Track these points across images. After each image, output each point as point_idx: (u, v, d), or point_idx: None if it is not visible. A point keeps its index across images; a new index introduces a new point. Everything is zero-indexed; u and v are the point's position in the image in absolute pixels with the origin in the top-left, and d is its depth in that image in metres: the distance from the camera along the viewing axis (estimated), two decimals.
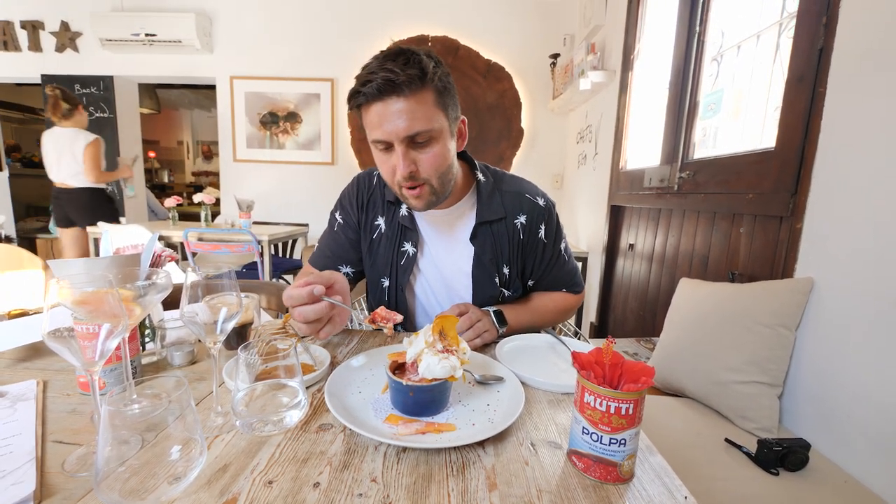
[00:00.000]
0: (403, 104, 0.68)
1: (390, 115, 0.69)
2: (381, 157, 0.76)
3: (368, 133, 0.75)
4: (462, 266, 0.89)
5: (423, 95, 0.69)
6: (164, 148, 6.85)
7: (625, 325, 2.07)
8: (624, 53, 2.14)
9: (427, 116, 0.70)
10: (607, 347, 0.45)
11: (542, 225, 0.90)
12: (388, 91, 0.67)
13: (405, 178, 0.73)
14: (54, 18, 3.30)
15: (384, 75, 0.67)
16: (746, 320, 0.99)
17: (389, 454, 0.45)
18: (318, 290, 0.64)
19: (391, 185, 0.79)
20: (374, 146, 0.75)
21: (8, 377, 0.59)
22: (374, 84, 0.67)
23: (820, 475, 0.82)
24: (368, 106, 0.71)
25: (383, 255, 0.90)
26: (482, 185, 0.88)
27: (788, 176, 1.05)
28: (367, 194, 0.92)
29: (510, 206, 0.89)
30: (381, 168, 0.78)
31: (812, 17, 1.00)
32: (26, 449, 0.43)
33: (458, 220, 0.89)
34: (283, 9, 3.25)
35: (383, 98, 0.68)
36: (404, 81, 0.67)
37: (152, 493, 0.36)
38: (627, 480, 0.42)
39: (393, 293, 0.90)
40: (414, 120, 0.69)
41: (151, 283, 0.53)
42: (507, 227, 0.88)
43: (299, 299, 0.64)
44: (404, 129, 0.69)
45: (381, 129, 0.70)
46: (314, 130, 3.37)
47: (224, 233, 2.53)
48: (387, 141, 0.71)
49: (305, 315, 0.64)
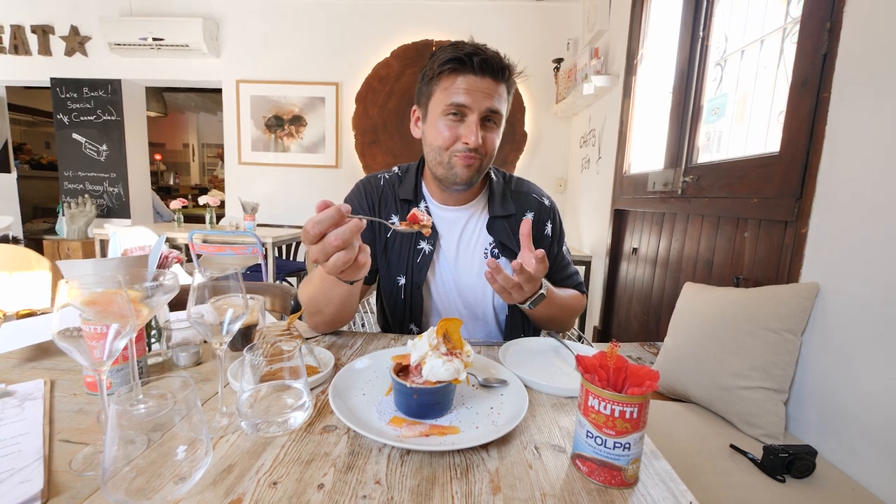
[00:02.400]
0: (494, 85, 0.78)
1: (483, 89, 0.77)
2: (446, 123, 0.80)
3: (444, 97, 0.79)
4: (475, 265, 0.90)
5: (504, 86, 0.80)
6: (170, 151, 6.92)
7: (628, 330, 2.07)
8: (627, 58, 2.14)
9: (504, 103, 0.81)
10: (612, 351, 0.45)
11: (549, 223, 0.95)
12: (488, 70, 0.77)
13: (472, 147, 0.79)
14: (64, 23, 3.35)
15: (493, 55, 0.77)
16: (751, 325, 0.98)
17: (393, 456, 0.45)
18: (346, 208, 0.54)
19: (442, 151, 0.82)
20: (445, 109, 0.79)
21: (16, 376, 0.60)
22: (480, 58, 0.76)
23: (827, 482, 0.81)
24: (461, 74, 0.77)
25: (399, 253, 0.90)
26: (495, 184, 0.94)
27: (793, 180, 1.04)
28: (377, 196, 0.92)
29: (519, 204, 0.94)
30: (438, 135, 0.81)
31: (816, 22, 1.01)
32: (34, 447, 0.43)
33: (472, 218, 0.92)
34: (288, 14, 3.28)
35: (482, 73, 0.77)
36: (504, 67, 0.78)
37: (158, 493, 0.36)
38: (632, 485, 0.42)
39: (408, 291, 0.90)
40: (499, 101, 0.79)
41: (158, 285, 0.53)
42: (516, 224, 0.91)
43: (329, 219, 0.53)
44: (489, 105, 0.78)
45: (466, 97, 0.77)
46: (318, 134, 3.39)
47: (228, 235, 2.55)
48: (468, 107, 0.78)
49: (343, 237, 0.53)
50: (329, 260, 0.55)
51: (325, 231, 0.54)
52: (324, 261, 0.55)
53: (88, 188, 3.58)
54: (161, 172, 6.64)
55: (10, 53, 3.39)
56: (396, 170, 0.97)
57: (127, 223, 3.55)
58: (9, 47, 3.38)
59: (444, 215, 0.91)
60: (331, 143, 3.39)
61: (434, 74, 0.80)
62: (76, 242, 3.32)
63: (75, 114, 3.47)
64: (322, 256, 0.55)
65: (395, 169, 0.97)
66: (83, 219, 3.36)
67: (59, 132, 3.50)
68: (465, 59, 0.76)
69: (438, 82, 0.80)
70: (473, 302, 0.91)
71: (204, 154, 7.19)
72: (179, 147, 6.99)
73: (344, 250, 0.54)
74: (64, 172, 3.56)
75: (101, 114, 3.46)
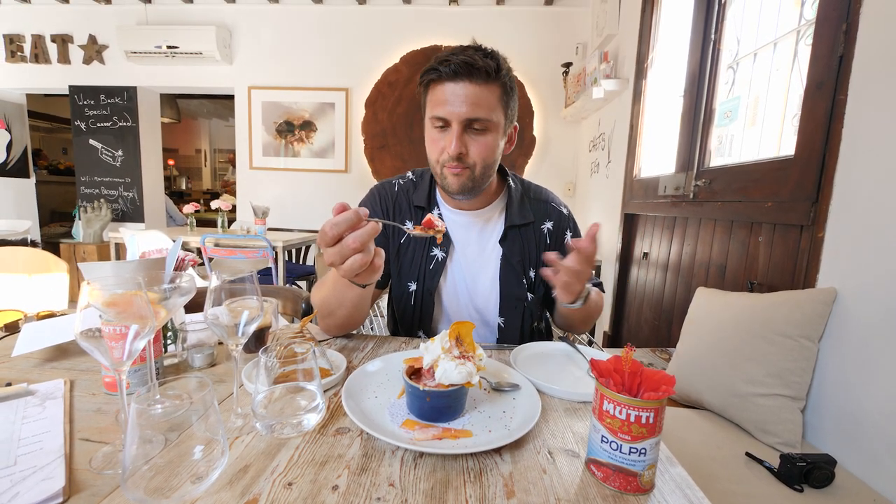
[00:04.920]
0: (473, 89, 0.73)
1: (458, 97, 0.73)
2: (434, 135, 0.79)
3: (429, 110, 0.78)
4: (489, 270, 0.90)
5: (491, 87, 0.74)
6: (183, 156, 7.04)
7: (639, 335, 2.04)
8: (637, 62, 2.13)
9: (489, 107, 0.75)
10: (627, 355, 0.45)
11: (568, 231, 0.94)
12: (463, 74, 0.72)
13: (453, 157, 0.76)
14: (83, 32, 3.44)
15: (464, 59, 0.71)
16: (767, 331, 0.97)
17: (406, 459, 0.45)
18: (364, 211, 0.55)
19: (435, 164, 0.81)
20: (431, 122, 0.78)
21: (37, 376, 0.61)
22: (452, 65, 0.72)
23: (847, 493, 0.79)
24: (439, 84, 0.74)
25: (411, 259, 0.89)
26: (513, 191, 0.92)
27: (809, 184, 1.03)
28: (392, 201, 0.92)
29: (538, 213, 0.93)
30: (430, 147, 0.81)
31: (832, 23, 0.99)
32: (55, 446, 0.44)
33: (488, 224, 0.91)
34: (299, 21, 3.33)
35: (456, 79, 0.72)
36: (481, 68, 0.71)
37: (176, 492, 0.37)
38: (648, 491, 0.42)
39: (419, 297, 0.89)
40: (477, 106, 0.73)
41: (176, 287, 0.54)
42: (534, 232, 0.91)
43: (348, 222, 0.53)
44: (466, 112, 0.73)
45: (444, 108, 0.74)
46: (328, 139, 3.43)
47: (240, 239, 2.58)
48: (446, 119, 0.75)
49: (362, 239, 0.54)
50: (345, 263, 0.55)
51: (343, 233, 0.54)
52: (340, 263, 0.56)
53: (104, 193, 3.65)
54: (174, 177, 6.76)
55: (31, 62, 3.50)
56: (411, 175, 0.96)
57: (141, 227, 3.61)
58: (30, 56, 3.49)
59: (457, 220, 0.90)
60: (340, 148, 3.42)
61: (422, 86, 0.79)
62: (92, 246, 3.39)
63: (92, 120, 3.55)
64: (339, 259, 0.55)
65: (409, 175, 0.97)
66: (99, 223, 3.43)
67: (77, 138, 3.58)
68: (439, 68, 0.73)
69: (425, 94, 0.79)
70: (484, 308, 0.91)
71: (216, 159, 7.31)
72: (192, 153, 7.12)
73: (361, 253, 0.55)
74: (81, 177, 3.64)
75: (117, 120, 3.54)
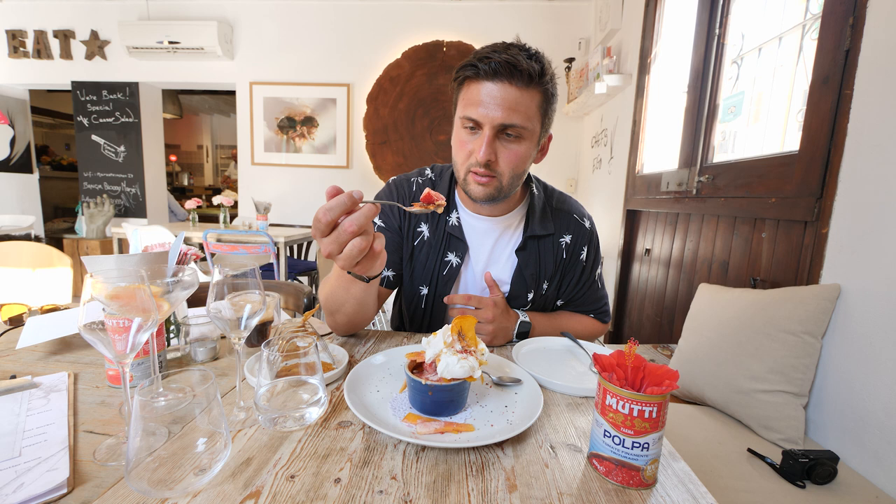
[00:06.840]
0: (511, 92, 0.67)
1: (494, 99, 0.67)
2: (463, 136, 0.73)
3: (460, 109, 0.72)
4: (503, 277, 0.86)
5: (532, 93, 0.69)
6: (185, 152, 7.04)
7: (641, 331, 2.04)
8: (640, 57, 2.12)
9: (527, 114, 0.69)
10: (630, 350, 0.45)
11: (585, 247, 0.90)
12: (503, 74, 0.66)
13: (481, 163, 0.71)
14: (85, 28, 3.44)
15: (506, 58, 0.65)
16: (770, 327, 0.96)
17: (409, 452, 0.45)
18: (358, 193, 0.51)
19: (460, 167, 0.76)
20: (461, 122, 0.72)
21: (41, 369, 0.62)
22: (493, 63, 0.66)
23: (849, 489, 0.79)
24: (475, 82, 0.69)
25: (424, 263, 0.85)
26: (535, 199, 0.87)
27: (813, 180, 1.02)
28: (408, 198, 0.88)
29: (558, 224, 0.88)
30: (457, 148, 0.75)
31: (838, 17, 0.98)
32: (60, 437, 0.44)
33: (507, 231, 0.87)
34: (301, 16, 3.32)
35: (496, 80, 0.67)
36: (524, 71, 0.66)
37: (179, 484, 0.37)
38: (650, 485, 0.42)
39: (430, 301, 0.86)
40: (514, 112, 0.68)
41: (178, 280, 0.54)
42: (552, 245, 0.87)
43: (342, 205, 0.50)
44: (501, 117, 0.68)
45: (477, 109, 0.68)
46: (330, 134, 3.42)
47: (242, 234, 2.58)
48: (478, 122, 0.69)
49: (359, 221, 0.50)
50: (343, 250, 0.51)
51: (338, 218, 0.51)
52: (338, 252, 0.52)
53: (107, 188, 3.66)
54: (176, 173, 6.77)
55: (34, 58, 3.50)
56: (430, 173, 0.91)
57: (143, 222, 3.62)
58: (32, 52, 3.49)
59: (476, 224, 0.86)
60: (342, 144, 3.42)
61: (456, 82, 0.73)
62: (94, 241, 3.41)
63: (95, 116, 3.56)
64: (336, 247, 0.51)
65: (427, 172, 0.91)
66: (101, 218, 3.45)
67: (80, 134, 3.59)
68: (478, 65, 0.67)
69: (459, 91, 0.74)
70: None
71: (217, 155, 7.31)
72: (194, 148, 7.12)
73: (359, 237, 0.51)
74: (83, 173, 3.65)
75: (120, 116, 3.54)
